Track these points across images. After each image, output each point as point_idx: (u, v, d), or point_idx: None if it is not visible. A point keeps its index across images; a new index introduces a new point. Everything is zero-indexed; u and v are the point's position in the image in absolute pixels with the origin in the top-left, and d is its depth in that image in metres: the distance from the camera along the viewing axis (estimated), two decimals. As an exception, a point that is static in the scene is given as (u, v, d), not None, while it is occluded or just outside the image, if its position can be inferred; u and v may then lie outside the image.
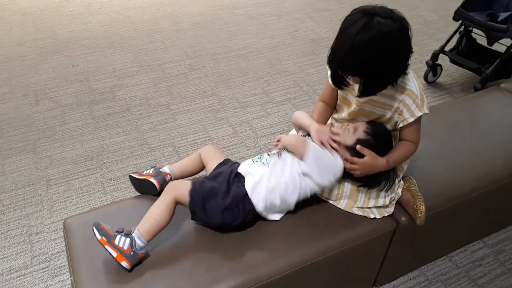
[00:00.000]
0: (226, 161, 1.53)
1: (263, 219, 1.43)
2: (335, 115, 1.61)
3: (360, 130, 1.41)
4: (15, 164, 2.35)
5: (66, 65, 3.18)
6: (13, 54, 3.29)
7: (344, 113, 1.55)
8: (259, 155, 1.48)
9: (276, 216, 1.44)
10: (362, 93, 1.33)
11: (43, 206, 2.11)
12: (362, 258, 1.55)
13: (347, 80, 1.35)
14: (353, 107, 1.47)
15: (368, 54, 1.19)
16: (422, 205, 1.43)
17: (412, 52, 1.27)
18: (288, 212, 1.45)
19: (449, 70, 3.18)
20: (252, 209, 1.37)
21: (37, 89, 2.92)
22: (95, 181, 2.25)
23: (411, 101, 1.35)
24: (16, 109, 2.74)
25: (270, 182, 1.38)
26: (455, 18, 2.77)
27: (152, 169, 1.56)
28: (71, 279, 1.29)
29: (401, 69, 1.29)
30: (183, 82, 3.02)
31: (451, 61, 2.95)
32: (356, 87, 1.37)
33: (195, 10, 3.99)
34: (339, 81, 1.37)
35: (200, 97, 2.88)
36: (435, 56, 2.95)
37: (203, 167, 1.61)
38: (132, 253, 1.25)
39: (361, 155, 1.37)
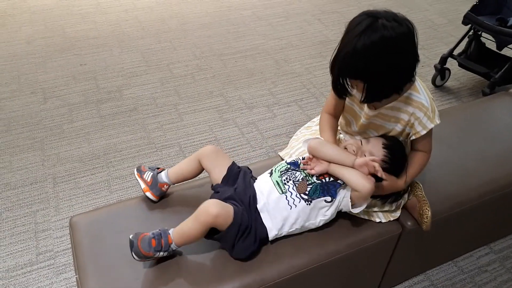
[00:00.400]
0: (233, 171, 1.43)
1: None
2: (345, 129, 1.58)
3: (378, 155, 1.34)
4: (22, 161, 2.36)
5: (74, 63, 3.20)
6: (22, 52, 3.32)
7: (354, 127, 1.51)
8: (280, 175, 1.36)
9: None
10: (365, 99, 1.28)
11: (49, 203, 2.13)
12: (367, 262, 1.55)
13: (349, 87, 1.29)
14: (362, 120, 1.44)
15: (371, 56, 1.17)
16: (428, 210, 1.42)
17: (419, 60, 1.24)
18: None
19: (458, 74, 3.16)
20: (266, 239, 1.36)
21: (45, 87, 2.94)
22: (101, 179, 2.26)
23: (422, 114, 1.32)
24: (24, 106, 2.76)
25: (293, 227, 1.35)
26: (464, 22, 2.75)
27: (150, 175, 1.49)
28: (76, 278, 1.30)
29: (407, 75, 1.26)
30: (190, 82, 3.03)
31: (460, 65, 2.93)
32: (359, 96, 1.31)
33: (203, 10, 4.00)
34: (340, 89, 1.31)
35: (207, 98, 2.88)
36: (443, 60, 2.93)
37: (201, 170, 1.51)
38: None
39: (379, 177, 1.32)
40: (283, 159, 1.61)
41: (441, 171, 1.67)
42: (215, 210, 1.22)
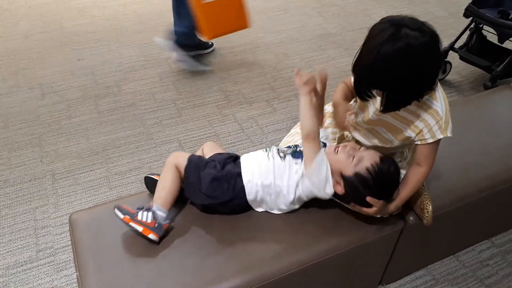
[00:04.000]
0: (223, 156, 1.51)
1: (252, 208, 1.43)
2: (352, 119, 1.50)
3: (364, 164, 1.30)
4: (20, 158, 2.35)
5: (72, 58, 3.17)
6: (19, 47, 3.29)
7: (359, 119, 1.46)
8: (266, 149, 1.46)
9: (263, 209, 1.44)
10: (384, 108, 1.25)
11: (48, 200, 2.11)
12: (369, 257, 1.54)
13: (371, 91, 1.23)
14: (371, 115, 1.39)
15: (392, 67, 1.13)
16: (429, 205, 1.41)
17: (441, 67, 1.21)
18: (295, 210, 1.44)
19: (459, 68, 3.14)
20: (241, 190, 1.37)
21: (43, 82, 2.92)
22: (101, 175, 2.24)
23: (434, 122, 1.28)
24: (22, 102, 2.74)
25: (268, 179, 1.36)
26: (466, 15, 2.73)
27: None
28: (76, 275, 1.29)
29: (428, 85, 1.23)
30: (189, 77, 3.01)
31: (461, 58, 2.91)
32: (379, 98, 1.28)
33: (202, 4, 3.97)
34: (361, 91, 1.26)
35: (206, 92, 2.86)
36: (444, 53, 2.90)
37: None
38: (157, 224, 1.30)
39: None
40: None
41: (442, 165, 1.65)
42: (173, 153, 1.45)
